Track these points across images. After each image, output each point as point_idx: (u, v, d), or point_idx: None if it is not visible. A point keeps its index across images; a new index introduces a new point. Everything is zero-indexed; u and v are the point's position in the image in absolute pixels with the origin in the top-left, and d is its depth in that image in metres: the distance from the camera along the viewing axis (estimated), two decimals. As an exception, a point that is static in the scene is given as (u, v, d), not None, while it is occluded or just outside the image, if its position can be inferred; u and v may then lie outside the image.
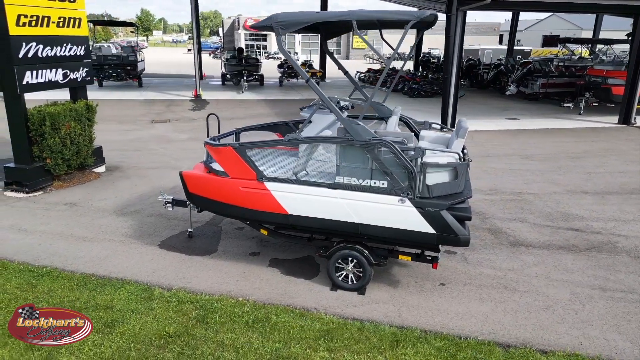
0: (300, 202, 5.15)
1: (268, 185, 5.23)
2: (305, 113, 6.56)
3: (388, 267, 5.81)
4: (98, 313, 4.74)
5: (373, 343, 4.41)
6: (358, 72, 28.89)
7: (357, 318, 4.84)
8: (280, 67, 26.46)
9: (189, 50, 59.27)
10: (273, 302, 5.10)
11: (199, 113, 17.08)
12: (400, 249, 5.65)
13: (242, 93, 22.35)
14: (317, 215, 5.13)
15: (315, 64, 28.46)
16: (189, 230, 6.66)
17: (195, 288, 5.33)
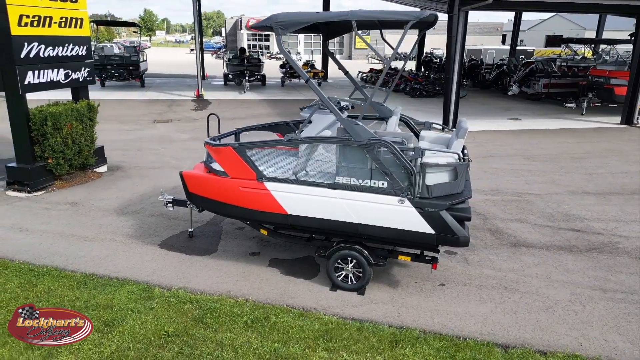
0: (300, 202, 5.15)
1: (268, 185, 5.24)
2: (305, 113, 6.56)
3: (388, 267, 5.81)
4: (98, 312, 4.76)
5: (372, 343, 4.41)
6: (360, 72, 28.90)
7: (356, 318, 4.83)
8: (282, 67, 26.50)
9: (192, 51, 59.43)
10: (272, 302, 5.10)
11: (201, 113, 17.10)
12: (400, 249, 5.65)
13: (244, 93, 22.38)
14: (316, 215, 5.14)
15: (318, 64, 28.48)
16: (190, 230, 6.67)
17: (195, 288, 5.34)
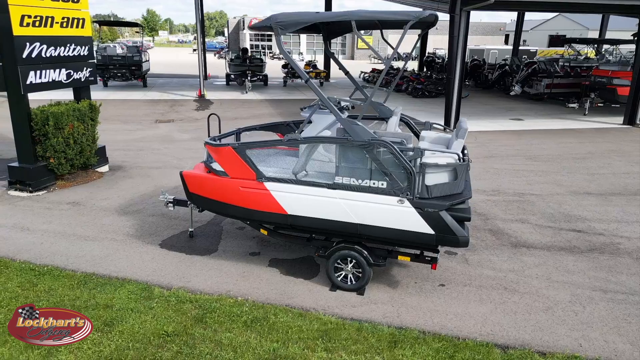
0: (300, 202, 5.15)
1: (267, 185, 5.24)
2: (305, 113, 6.56)
3: (387, 267, 5.80)
4: (98, 312, 4.77)
5: (371, 343, 4.41)
6: (362, 72, 28.90)
7: (355, 318, 4.83)
8: (285, 67, 26.53)
9: (194, 51, 59.53)
10: (272, 302, 5.10)
11: (203, 113, 17.12)
12: (400, 250, 5.65)
13: (246, 93, 22.41)
14: (316, 216, 5.14)
15: (320, 65, 28.49)
16: (190, 230, 6.68)
17: (195, 287, 5.35)
